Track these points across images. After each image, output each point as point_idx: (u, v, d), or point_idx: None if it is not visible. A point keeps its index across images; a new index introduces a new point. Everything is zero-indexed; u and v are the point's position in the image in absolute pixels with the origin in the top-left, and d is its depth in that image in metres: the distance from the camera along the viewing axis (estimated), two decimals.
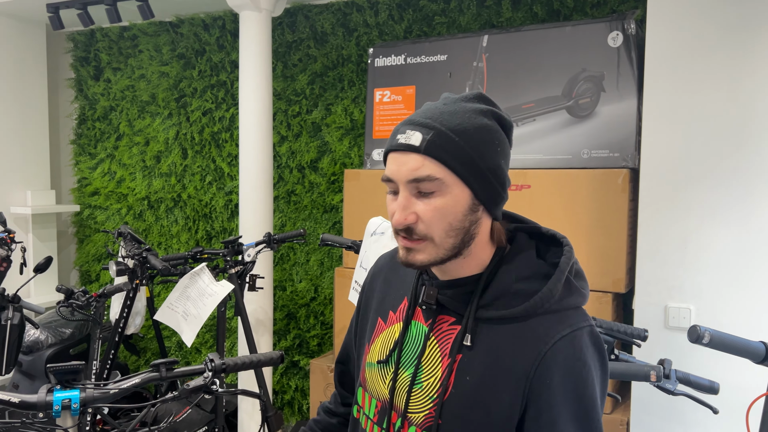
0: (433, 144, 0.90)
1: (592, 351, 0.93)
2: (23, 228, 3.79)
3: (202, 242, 3.66)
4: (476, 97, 0.97)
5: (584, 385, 0.90)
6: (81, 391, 1.10)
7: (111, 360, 2.57)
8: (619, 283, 2.34)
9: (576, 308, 0.95)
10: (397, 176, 0.93)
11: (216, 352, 2.25)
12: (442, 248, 0.93)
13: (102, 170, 3.93)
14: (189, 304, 2.41)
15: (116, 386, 1.13)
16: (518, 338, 0.92)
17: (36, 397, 1.08)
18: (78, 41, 3.96)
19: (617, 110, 2.40)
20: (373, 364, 1.08)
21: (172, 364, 1.19)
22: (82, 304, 2.30)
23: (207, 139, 3.58)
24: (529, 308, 0.92)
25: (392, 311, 1.09)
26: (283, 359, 1.31)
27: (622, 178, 2.31)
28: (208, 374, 1.20)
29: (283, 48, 3.33)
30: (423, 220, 0.92)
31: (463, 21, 2.93)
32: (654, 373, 1.36)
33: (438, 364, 0.97)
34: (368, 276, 1.20)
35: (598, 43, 2.43)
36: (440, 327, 1.00)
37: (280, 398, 3.49)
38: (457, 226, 0.92)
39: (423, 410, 0.97)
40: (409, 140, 0.92)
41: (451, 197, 0.92)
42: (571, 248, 0.98)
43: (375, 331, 1.11)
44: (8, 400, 1.07)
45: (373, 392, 1.07)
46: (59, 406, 1.08)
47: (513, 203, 2.54)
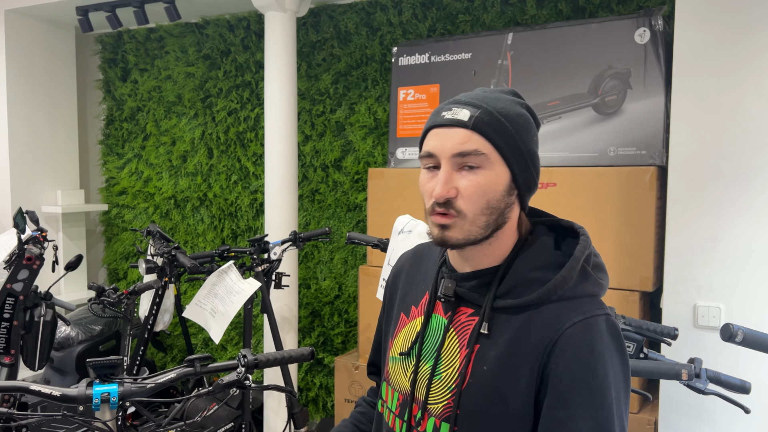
0: (481, 120, 0.94)
1: (607, 340, 0.92)
2: (53, 227, 3.87)
3: (228, 241, 3.70)
4: (512, 92, 1.03)
5: (593, 374, 0.89)
6: (119, 385, 1.13)
7: (140, 356, 2.61)
8: (646, 282, 2.32)
9: (591, 296, 0.96)
10: (440, 150, 0.95)
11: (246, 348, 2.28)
12: (475, 226, 0.95)
13: (129, 170, 3.99)
14: (217, 301, 2.44)
15: (153, 381, 1.16)
16: (532, 326, 0.94)
17: (76, 391, 1.10)
18: (106, 43, 4.03)
19: (644, 107, 2.38)
20: (396, 358, 1.10)
21: (206, 359, 1.21)
22: (113, 302, 2.34)
23: (232, 139, 3.62)
24: (542, 295, 0.94)
25: (414, 306, 1.11)
26: (314, 355, 1.33)
27: (649, 175, 2.29)
28: (241, 370, 1.22)
29: (307, 48, 3.36)
30: (463, 195, 0.94)
31: (487, 19, 2.92)
32: (685, 371, 1.35)
33: (456, 355, 0.99)
34: (390, 274, 1.22)
35: (625, 39, 2.41)
36: (459, 319, 1.01)
37: (305, 395, 3.52)
38: (493, 205, 0.95)
39: (442, 401, 0.99)
40: (457, 116, 0.95)
41: (493, 174, 0.94)
42: (588, 238, 0.99)
43: (398, 327, 1.13)
44: (50, 393, 1.10)
45: (395, 386, 1.08)
46: (98, 399, 1.11)
47: (538, 201, 2.52)
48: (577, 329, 0.91)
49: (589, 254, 0.98)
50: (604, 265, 1.01)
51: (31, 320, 2.50)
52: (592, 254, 0.99)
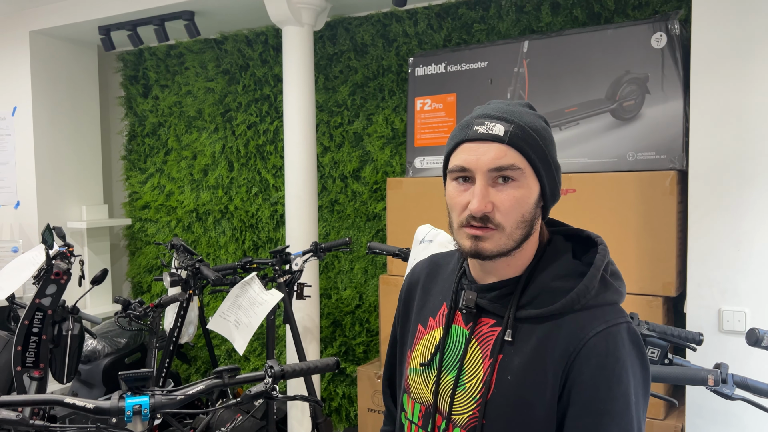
0: (516, 136, 0.95)
1: (629, 348, 0.93)
2: (79, 242, 3.94)
3: (250, 252, 3.74)
4: (527, 104, 1.03)
5: (618, 382, 0.91)
6: (150, 397, 1.16)
7: (166, 368, 2.65)
8: (669, 287, 2.30)
9: (612, 305, 0.97)
10: (476, 165, 0.95)
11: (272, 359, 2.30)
12: (511, 239, 0.96)
13: (152, 184, 4.06)
14: (240, 313, 2.47)
15: (183, 392, 1.18)
16: (555, 335, 0.95)
17: (109, 403, 1.13)
18: (127, 61, 4.11)
19: (663, 112, 2.38)
20: (416, 369, 1.10)
21: (234, 371, 1.23)
22: (139, 315, 2.38)
23: (252, 152, 3.67)
24: (565, 305, 0.95)
25: (432, 317, 1.11)
26: (338, 366, 1.34)
27: (669, 180, 2.28)
28: (269, 380, 1.24)
29: (325, 60, 3.40)
30: (500, 210, 0.95)
31: (503, 27, 2.94)
32: (712, 377, 1.35)
33: (480, 366, 1.00)
34: (404, 285, 1.22)
35: (642, 44, 2.41)
36: (481, 330, 1.02)
37: (327, 405, 3.53)
38: (527, 218, 0.96)
39: (467, 411, 0.99)
40: (492, 130, 0.96)
41: (527, 189, 0.96)
42: (606, 247, 1.01)
43: (416, 338, 1.13)
44: (84, 406, 1.12)
45: (416, 397, 1.09)
46: (131, 411, 1.13)
47: (558, 207, 2.52)
48: (600, 338, 0.92)
49: (607, 263, 0.99)
50: (620, 273, 1.02)
51: (59, 334, 2.55)
52: (609, 262, 1.00)
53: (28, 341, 2.49)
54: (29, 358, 2.50)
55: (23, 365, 2.49)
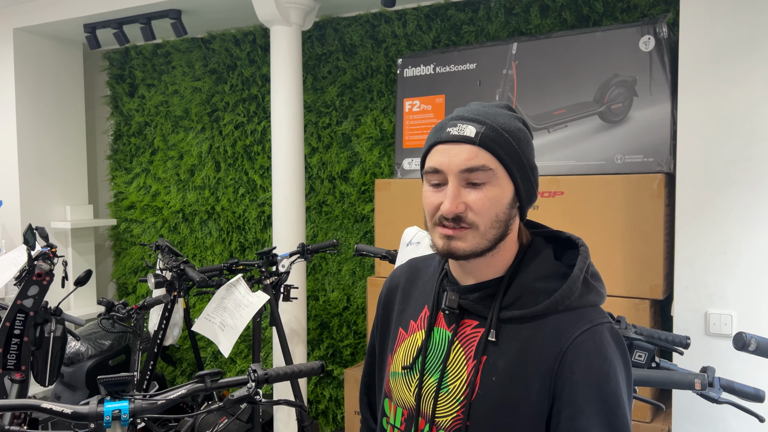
0: (487, 137, 0.95)
1: (613, 348, 0.94)
2: (63, 242, 3.89)
3: (236, 254, 3.71)
4: (507, 106, 1.05)
5: (606, 380, 0.91)
6: (130, 402, 1.13)
7: (150, 371, 2.61)
8: (656, 290, 2.30)
9: (594, 306, 0.98)
10: (447, 166, 0.96)
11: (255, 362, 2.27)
12: (485, 238, 0.96)
13: (137, 184, 4.02)
14: (226, 315, 2.44)
15: (163, 397, 1.16)
16: (540, 336, 0.95)
17: (87, 408, 1.11)
18: (113, 59, 4.07)
19: (651, 115, 2.38)
20: (397, 373, 1.09)
21: (216, 375, 1.21)
22: (123, 317, 2.35)
23: (239, 152, 3.64)
24: (549, 306, 0.95)
25: (413, 320, 1.11)
26: (323, 369, 1.33)
27: (657, 183, 2.29)
28: (252, 385, 1.22)
29: (313, 61, 3.38)
30: (473, 210, 0.95)
31: (492, 29, 2.93)
32: (698, 381, 1.34)
33: (463, 367, 0.99)
34: (383, 290, 1.22)
35: (630, 47, 2.41)
36: (464, 331, 1.02)
37: (314, 408, 3.51)
38: (501, 218, 0.97)
39: (451, 413, 0.99)
40: (463, 132, 0.96)
41: (500, 189, 0.96)
42: (587, 249, 1.01)
43: (397, 342, 1.12)
44: (61, 411, 1.10)
45: (398, 401, 1.08)
46: (110, 416, 1.11)
47: (546, 210, 2.53)
48: (586, 337, 0.93)
49: (588, 264, 0.99)
50: (599, 274, 1.03)
51: (41, 336, 2.51)
52: (590, 264, 1.00)
53: (10, 343, 2.45)
54: (10, 360, 2.46)
55: (4, 368, 2.45)
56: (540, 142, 2.57)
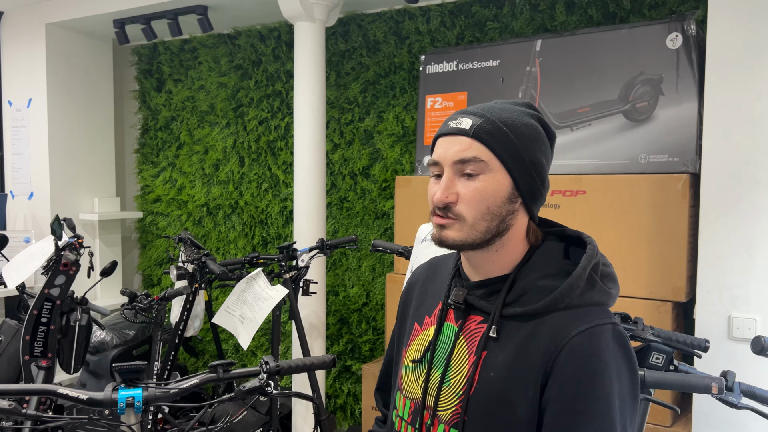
0: (482, 129, 0.96)
1: (613, 349, 0.92)
2: (90, 233, 3.97)
3: (258, 248, 3.75)
4: (526, 104, 1.04)
5: (600, 383, 0.90)
6: (144, 390, 1.15)
7: (171, 361, 2.66)
8: (679, 292, 2.26)
9: (598, 305, 0.96)
10: (443, 158, 0.98)
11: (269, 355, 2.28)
12: (474, 230, 0.97)
13: (163, 178, 4.08)
14: (245, 307, 2.47)
15: (176, 386, 1.18)
16: (539, 334, 0.94)
17: (102, 395, 1.13)
18: (142, 54, 4.13)
19: (677, 113, 2.34)
20: (408, 366, 1.11)
21: (229, 365, 1.23)
22: (144, 307, 2.39)
23: (263, 148, 3.67)
24: (549, 303, 0.94)
25: (427, 316, 1.12)
26: (335, 363, 1.33)
27: (682, 183, 2.25)
28: (263, 376, 1.23)
29: (337, 57, 3.39)
30: (463, 201, 0.97)
31: (516, 26, 2.91)
32: (715, 385, 1.32)
33: (465, 362, 1.00)
34: (405, 287, 1.24)
35: (656, 45, 2.37)
36: (469, 326, 1.02)
37: (333, 402, 3.53)
38: (494, 211, 0.97)
39: (450, 407, 1.00)
40: (460, 125, 0.98)
41: (493, 181, 0.96)
42: (595, 246, 1.00)
43: (411, 336, 1.14)
44: (77, 397, 1.12)
45: (407, 394, 1.09)
46: (123, 403, 1.13)
47: (568, 209, 2.50)
48: (583, 338, 0.91)
49: (597, 263, 0.98)
50: (615, 275, 1.01)
51: (67, 324, 2.56)
52: (600, 263, 0.99)
53: (37, 331, 2.51)
54: (37, 347, 2.52)
55: (31, 354, 2.51)
56: (563, 140, 2.54)
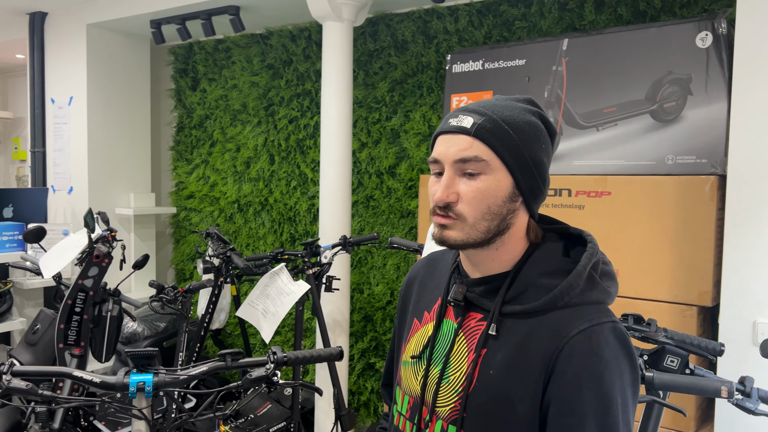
0: (483, 128, 0.95)
1: (614, 347, 0.92)
2: (126, 228, 4.09)
3: (287, 244, 3.80)
4: (527, 100, 1.02)
5: (600, 382, 0.89)
6: (154, 375, 1.19)
7: (197, 353, 2.72)
8: (705, 296, 2.21)
9: (598, 304, 0.96)
10: (444, 156, 0.98)
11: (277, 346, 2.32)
12: (475, 229, 0.96)
13: (197, 175, 4.18)
14: (268, 302, 2.51)
15: (185, 373, 1.22)
16: (538, 332, 0.94)
17: (114, 379, 1.18)
18: (178, 54, 4.24)
19: (705, 114, 2.29)
20: (407, 362, 1.11)
21: (237, 354, 1.26)
22: (171, 299, 2.46)
23: (292, 146, 3.73)
24: (548, 302, 0.94)
25: (427, 311, 1.12)
26: (341, 356, 1.36)
27: (710, 185, 2.20)
28: (270, 366, 1.26)
29: (365, 57, 3.41)
30: (463, 200, 0.96)
31: (544, 25, 2.88)
32: (725, 388, 1.29)
33: (464, 359, 1.00)
34: (404, 283, 1.24)
35: (686, 44, 2.32)
36: (468, 324, 1.02)
37: (356, 399, 3.56)
38: (494, 211, 0.96)
39: (449, 404, 1.00)
40: (461, 123, 0.97)
41: (494, 181, 0.96)
42: (595, 245, 0.99)
43: (411, 332, 1.14)
44: (91, 380, 1.17)
45: (406, 389, 1.10)
46: (134, 387, 1.17)
47: (592, 210, 2.48)
48: (583, 337, 0.91)
49: (597, 262, 0.98)
50: (614, 273, 1.00)
51: (99, 315, 2.65)
52: (600, 262, 0.99)
53: (71, 320, 2.61)
54: (71, 336, 2.61)
55: (65, 342, 2.60)
56: (588, 140, 2.51)
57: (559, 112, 2.59)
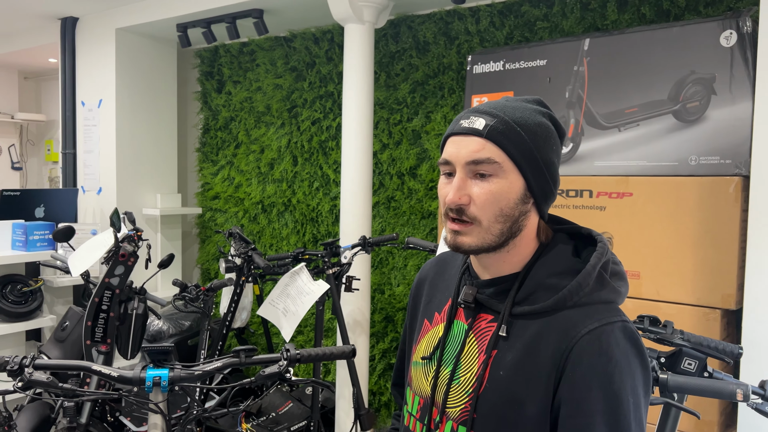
0: (496, 130, 0.95)
1: (624, 347, 0.91)
2: (153, 228, 4.17)
3: (309, 245, 3.84)
4: (537, 101, 1.02)
5: (610, 381, 0.89)
6: (170, 371, 1.22)
7: (219, 350, 2.77)
8: (729, 299, 2.18)
9: (607, 303, 0.95)
10: (455, 158, 0.97)
11: (290, 343, 2.34)
12: (489, 233, 0.96)
13: (222, 176, 4.24)
14: (289, 301, 2.54)
15: (200, 368, 1.24)
16: (548, 332, 0.94)
17: (131, 374, 1.21)
18: (204, 57, 4.31)
19: (730, 114, 2.25)
20: (418, 362, 1.11)
21: (251, 351, 1.29)
22: (193, 298, 2.50)
23: (315, 147, 3.76)
24: (558, 301, 0.94)
25: (437, 312, 1.12)
26: (354, 353, 1.37)
27: (734, 186, 2.16)
28: (283, 363, 1.28)
29: (387, 58, 3.43)
30: (476, 203, 0.95)
31: (566, 25, 2.87)
32: (741, 391, 1.27)
33: (475, 360, 1.00)
34: (414, 284, 1.24)
35: (709, 43, 2.29)
36: (479, 325, 1.02)
37: (377, 399, 3.57)
38: (507, 213, 0.96)
39: (459, 405, 1.00)
40: (473, 124, 0.96)
41: (506, 183, 0.95)
42: (605, 244, 0.99)
43: (421, 332, 1.15)
44: (109, 374, 1.21)
45: (417, 390, 1.10)
46: (150, 382, 1.20)
47: (613, 212, 2.45)
48: (593, 336, 0.91)
49: (607, 261, 0.97)
50: (624, 273, 0.99)
51: (125, 313, 2.71)
52: (610, 261, 0.98)
53: (98, 317, 2.67)
54: (98, 333, 2.67)
55: (92, 339, 2.67)
56: (610, 141, 2.49)
57: (580, 113, 2.58)
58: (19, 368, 1.14)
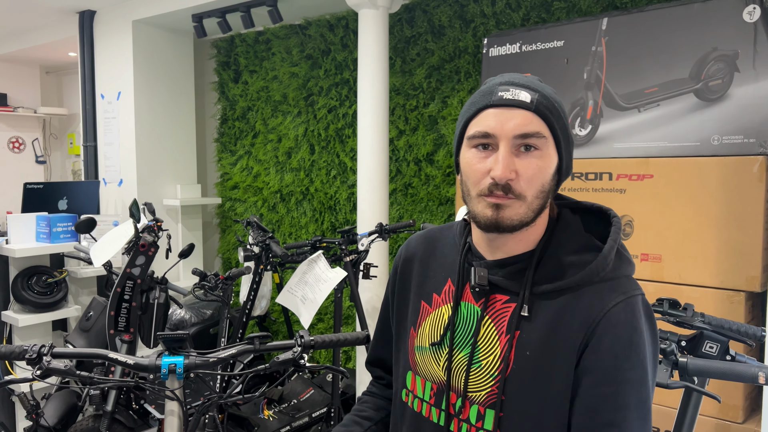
0: (542, 104, 0.93)
1: (643, 319, 0.93)
2: (173, 218, 4.21)
3: (327, 233, 3.84)
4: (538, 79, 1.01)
5: (636, 350, 0.90)
6: (185, 358, 1.23)
7: (239, 339, 2.79)
8: (753, 282, 2.13)
9: (627, 277, 0.96)
10: (500, 131, 0.92)
11: (304, 330, 2.34)
12: (530, 209, 0.95)
13: (241, 166, 4.26)
14: (307, 288, 2.55)
15: (215, 356, 1.25)
16: (574, 308, 0.94)
17: (147, 361, 1.22)
18: (220, 47, 4.32)
19: (754, 91, 2.19)
20: (425, 348, 1.08)
21: (265, 338, 1.29)
22: (212, 286, 2.52)
23: (332, 135, 3.75)
24: (585, 277, 0.94)
25: (436, 294, 1.09)
26: (369, 339, 1.37)
27: (758, 165, 2.11)
28: (297, 349, 1.29)
29: (402, 44, 3.40)
30: (523, 178, 0.93)
31: (584, 5, 2.81)
32: (763, 374, 1.24)
33: (495, 342, 0.98)
34: (398, 260, 1.19)
35: (732, 18, 2.22)
36: (494, 306, 1.00)
37: None
38: (546, 189, 0.95)
39: (485, 388, 0.98)
40: (518, 96, 0.93)
41: (548, 158, 0.95)
42: (620, 220, 0.99)
43: (420, 315, 1.11)
44: (125, 361, 1.22)
45: (426, 375, 1.08)
46: (166, 369, 1.21)
47: (634, 194, 2.41)
48: (620, 308, 0.92)
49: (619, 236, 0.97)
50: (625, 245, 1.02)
51: (146, 302, 2.75)
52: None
53: (120, 307, 2.71)
54: (120, 322, 2.71)
55: (115, 329, 2.71)
56: (629, 122, 2.44)
57: (599, 94, 2.53)
58: (37, 356, 1.16)
